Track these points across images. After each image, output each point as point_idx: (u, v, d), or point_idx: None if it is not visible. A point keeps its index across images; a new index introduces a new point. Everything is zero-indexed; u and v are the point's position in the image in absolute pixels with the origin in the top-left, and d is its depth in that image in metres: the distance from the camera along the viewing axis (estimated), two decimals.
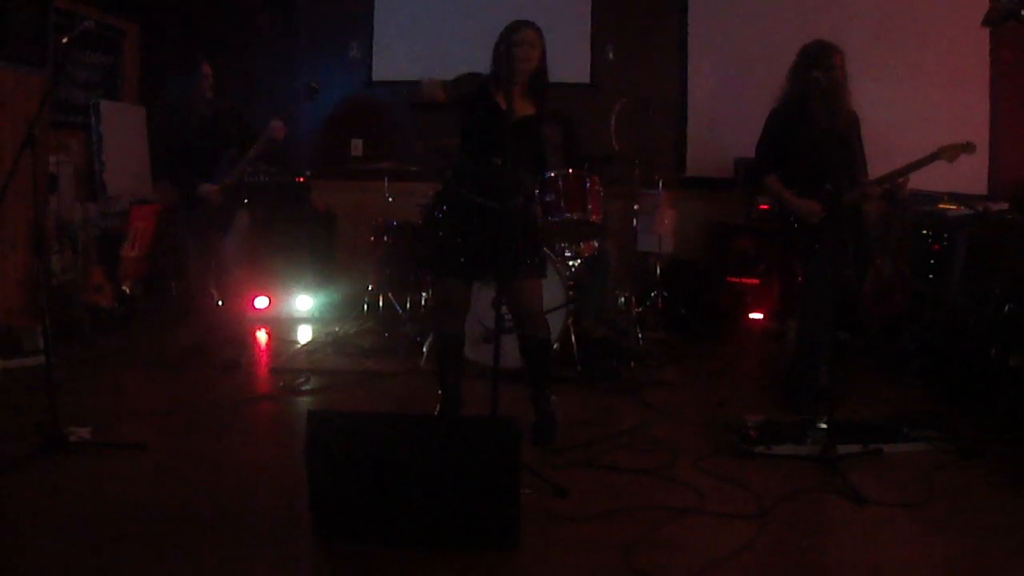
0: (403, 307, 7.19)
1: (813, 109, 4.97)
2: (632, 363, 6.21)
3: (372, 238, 7.19)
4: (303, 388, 5.74)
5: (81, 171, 7.56)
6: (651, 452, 4.56)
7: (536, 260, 4.61)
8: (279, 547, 3.47)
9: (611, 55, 8.25)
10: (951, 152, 4.89)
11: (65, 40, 5.08)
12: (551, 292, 5.63)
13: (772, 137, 5.21)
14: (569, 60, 8.24)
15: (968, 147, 4.87)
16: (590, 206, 5.99)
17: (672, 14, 8.35)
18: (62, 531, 3.52)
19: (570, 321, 6.04)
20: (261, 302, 7.54)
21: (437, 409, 4.79)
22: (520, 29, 4.38)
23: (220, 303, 6.19)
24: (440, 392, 4.79)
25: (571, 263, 6.24)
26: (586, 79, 8.28)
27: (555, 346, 5.83)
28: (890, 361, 6.26)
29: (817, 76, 4.85)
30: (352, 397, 5.58)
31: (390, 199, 7.34)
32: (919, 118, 7.35)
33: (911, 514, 3.82)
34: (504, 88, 4.27)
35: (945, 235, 6.35)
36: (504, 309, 4.42)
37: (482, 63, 4.49)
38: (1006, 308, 5.44)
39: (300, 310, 7.81)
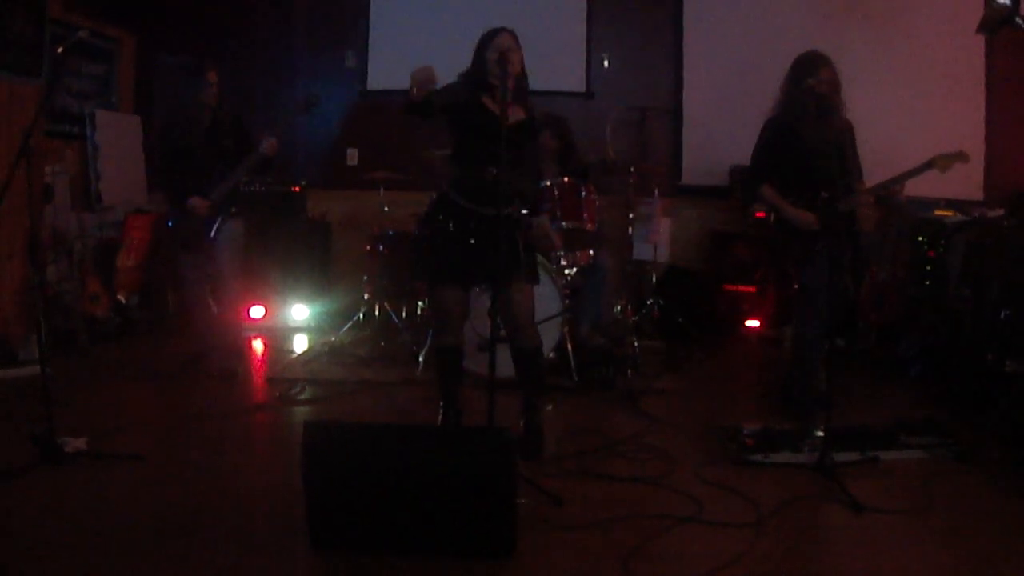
0: (399, 316, 7.18)
1: (807, 118, 4.97)
2: (629, 371, 6.21)
3: (368, 247, 7.19)
4: (299, 398, 5.73)
5: (77, 181, 7.54)
6: (648, 460, 4.55)
7: (528, 266, 4.55)
8: (276, 557, 3.46)
9: (607, 64, 8.26)
10: (944, 161, 4.88)
11: (60, 50, 5.10)
12: (547, 301, 5.63)
13: (767, 147, 5.20)
14: (565, 69, 8.26)
15: (961, 156, 4.86)
16: (585, 215, 6.01)
17: (667, 23, 8.37)
18: (58, 542, 3.50)
19: (566, 330, 6.03)
20: (257, 312, 7.53)
21: (439, 420, 4.77)
22: (500, 34, 4.39)
23: (216, 313, 6.18)
24: (441, 404, 4.77)
25: (567, 271, 6.24)
26: (582, 88, 8.29)
27: (551, 355, 5.84)
28: (887, 367, 6.26)
29: (812, 85, 4.87)
30: (349, 407, 5.57)
31: (385, 208, 7.34)
32: (915, 125, 7.37)
33: (909, 521, 3.81)
34: (498, 92, 4.28)
35: (942, 241, 6.37)
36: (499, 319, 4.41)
37: None
38: (1002, 314, 5.45)
39: (296, 320, 7.80)
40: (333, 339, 7.14)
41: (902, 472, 4.38)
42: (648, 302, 7.39)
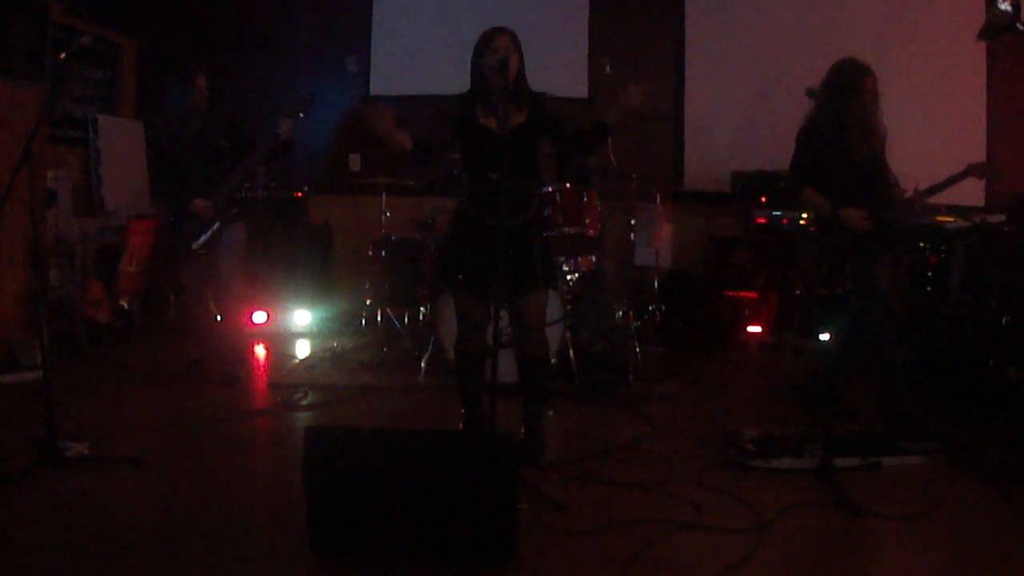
0: (401, 322, 7.18)
1: (851, 135, 4.90)
2: (630, 377, 6.20)
3: (370, 252, 7.19)
4: (301, 403, 5.73)
5: (79, 186, 7.57)
6: (649, 466, 4.55)
7: (543, 271, 4.52)
8: (277, 562, 3.46)
9: (609, 70, 8.27)
10: (979, 170, 4.92)
11: (63, 55, 5.10)
12: (549, 307, 5.63)
13: (805, 154, 5.15)
14: (567, 75, 8.27)
15: (992, 168, 4.83)
16: (587, 220, 6.01)
17: (669, 29, 8.39)
18: (59, 546, 3.51)
19: (568, 335, 6.04)
20: (259, 317, 7.53)
21: (460, 425, 4.77)
22: (498, 36, 4.35)
23: (218, 318, 6.19)
24: (462, 410, 4.75)
25: (569, 277, 6.25)
26: (584, 94, 8.31)
27: (553, 360, 5.84)
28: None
29: (855, 96, 4.85)
30: (350, 412, 5.57)
31: (387, 214, 7.35)
32: (917, 131, 7.36)
33: (909, 526, 3.81)
34: (491, 101, 4.31)
35: (943, 247, 6.37)
36: (503, 324, 4.40)
37: None
38: (1003, 320, 5.45)
39: (298, 325, 7.81)
40: (335, 344, 7.15)
41: (903, 478, 4.38)
42: (650, 308, 7.39)
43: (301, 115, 5.92)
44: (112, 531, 3.66)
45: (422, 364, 6.28)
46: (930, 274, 6.44)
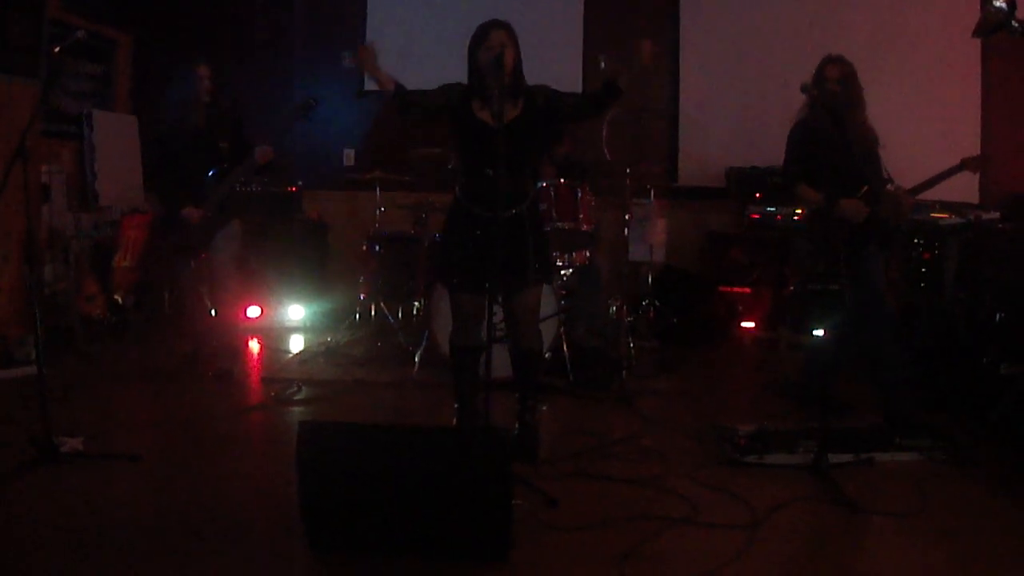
0: (395, 317, 7.17)
1: (826, 120, 4.91)
2: (624, 372, 6.20)
3: (364, 248, 7.19)
4: (295, 398, 5.73)
5: (73, 181, 7.55)
6: (643, 462, 4.55)
7: (537, 266, 4.51)
8: (271, 557, 3.46)
9: (603, 65, 8.24)
10: (974, 163, 4.93)
11: (57, 50, 5.10)
12: (543, 301, 5.63)
13: (796, 149, 5.17)
14: (561, 70, 8.24)
15: (987, 160, 4.86)
16: (581, 215, 6.02)
17: (664, 24, 8.37)
18: (53, 542, 3.50)
19: (562, 331, 6.04)
20: (253, 312, 7.54)
21: (454, 421, 4.77)
22: (493, 31, 4.35)
23: (212, 313, 6.18)
24: (456, 405, 4.75)
25: (563, 272, 6.25)
26: (578, 88, 8.28)
27: (547, 355, 5.84)
28: None
29: (822, 90, 4.86)
30: (344, 407, 5.57)
31: (382, 209, 7.35)
32: (911, 128, 7.37)
33: (903, 523, 3.82)
34: (487, 95, 4.31)
35: (937, 243, 6.37)
36: (497, 319, 4.40)
37: None
38: (997, 316, 5.46)
39: (292, 320, 7.81)
40: (329, 339, 7.13)
41: (897, 474, 4.39)
42: (643, 303, 7.39)
43: (300, 120, 5.92)
44: (107, 527, 3.65)
45: (416, 359, 6.27)
46: (924, 270, 6.45)
